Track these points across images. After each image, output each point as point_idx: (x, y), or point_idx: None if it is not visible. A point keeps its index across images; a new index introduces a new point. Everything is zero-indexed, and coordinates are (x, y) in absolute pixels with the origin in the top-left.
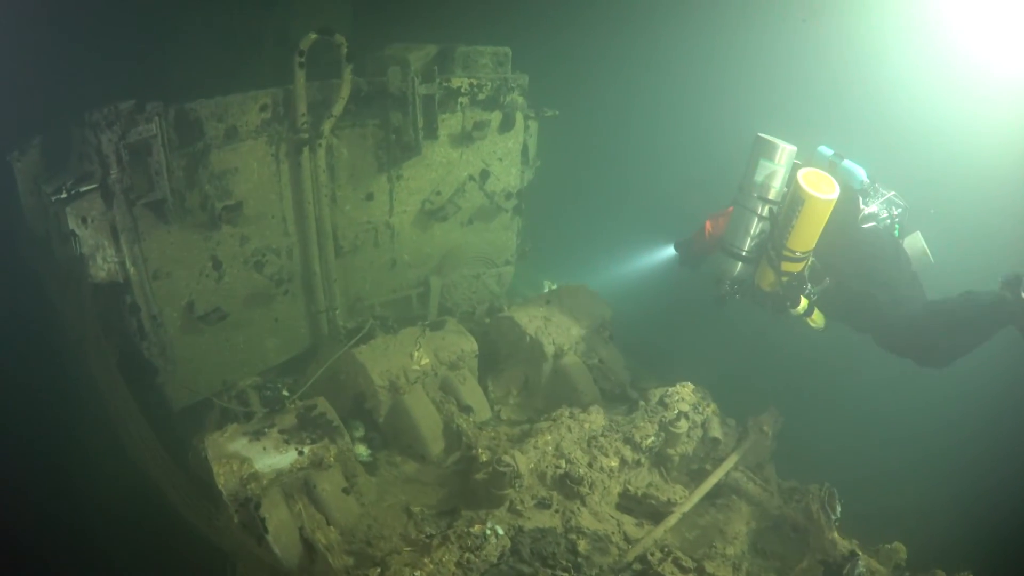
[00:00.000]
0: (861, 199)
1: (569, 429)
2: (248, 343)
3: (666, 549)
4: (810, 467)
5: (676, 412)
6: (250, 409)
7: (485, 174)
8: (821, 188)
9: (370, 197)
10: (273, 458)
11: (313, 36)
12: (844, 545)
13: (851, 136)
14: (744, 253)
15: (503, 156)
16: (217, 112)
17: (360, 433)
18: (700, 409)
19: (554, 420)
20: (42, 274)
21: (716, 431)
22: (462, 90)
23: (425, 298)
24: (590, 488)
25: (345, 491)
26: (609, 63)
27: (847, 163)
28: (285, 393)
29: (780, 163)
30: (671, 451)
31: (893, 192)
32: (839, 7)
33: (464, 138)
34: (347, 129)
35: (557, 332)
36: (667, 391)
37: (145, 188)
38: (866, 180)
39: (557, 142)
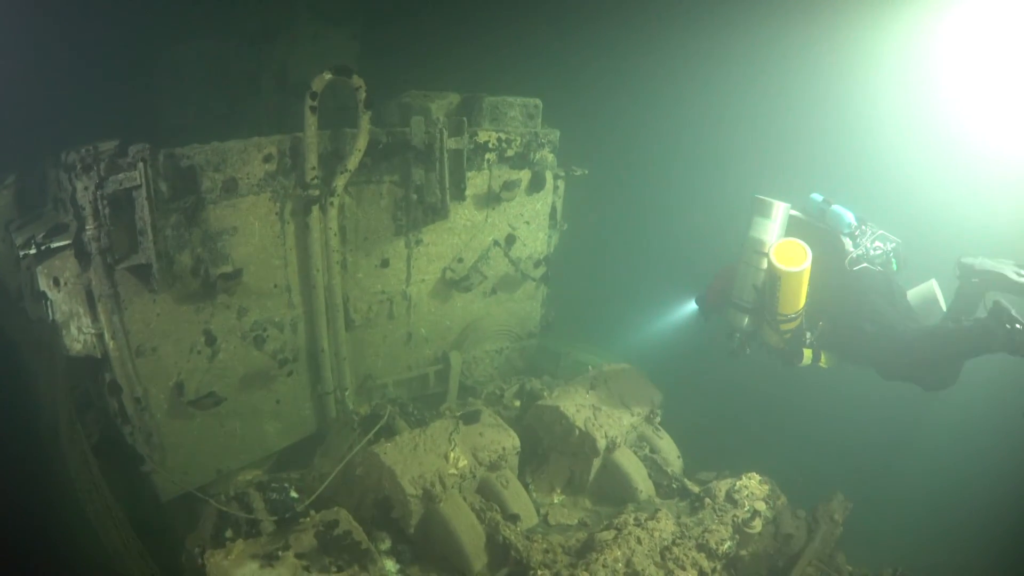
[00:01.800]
0: (850, 242)
1: (639, 540)
2: (246, 427)
3: None
4: (865, 542)
5: (747, 509)
6: (254, 516)
7: (511, 239)
8: (792, 261)
9: (385, 264)
10: None
11: (328, 76)
12: None
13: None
14: (749, 305)
15: (531, 219)
16: (214, 160)
17: (386, 546)
18: (771, 503)
19: (619, 529)
20: (14, 335)
21: (789, 526)
22: (490, 145)
23: (444, 376)
24: None
25: None
26: (619, 116)
27: (836, 208)
28: (294, 495)
29: (775, 219)
30: (743, 552)
31: (882, 231)
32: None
33: (490, 199)
34: (361, 186)
35: (608, 423)
36: (734, 485)
37: (126, 249)
38: (854, 223)
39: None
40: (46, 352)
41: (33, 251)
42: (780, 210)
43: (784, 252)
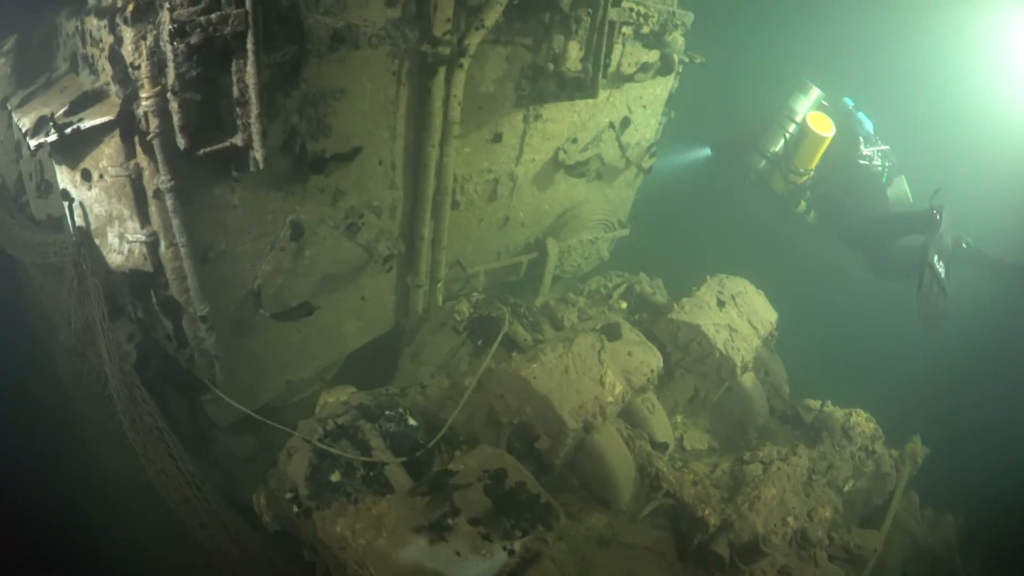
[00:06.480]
0: (864, 142)
1: (788, 477)
2: (323, 331)
3: None
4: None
5: (861, 447)
6: (374, 459)
7: (626, 122)
8: (820, 127)
9: (498, 139)
10: (477, 567)
11: None
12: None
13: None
14: (769, 154)
15: (648, 103)
16: (327, 1)
17: None
18: (876, 441)
19: (764, 464)
20: (11, 248)
21: (888, 466)
22: (628, 18)
23: (535, 265)
24: (820, 547)
25: None
26: None
27: (861, 114)
28: (412, 422)
29: (810, 98)
30: (847, 487)
31: (887, 147)
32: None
33: (616, 77)
34: (487, 46)
35: (743, 346)
36: (848, 420)
37: (210, 125)
38: (871, 131)
39: None
40: (70, 269)
41: (52, 136)
42: (815, 93)
43: (817, 120)
